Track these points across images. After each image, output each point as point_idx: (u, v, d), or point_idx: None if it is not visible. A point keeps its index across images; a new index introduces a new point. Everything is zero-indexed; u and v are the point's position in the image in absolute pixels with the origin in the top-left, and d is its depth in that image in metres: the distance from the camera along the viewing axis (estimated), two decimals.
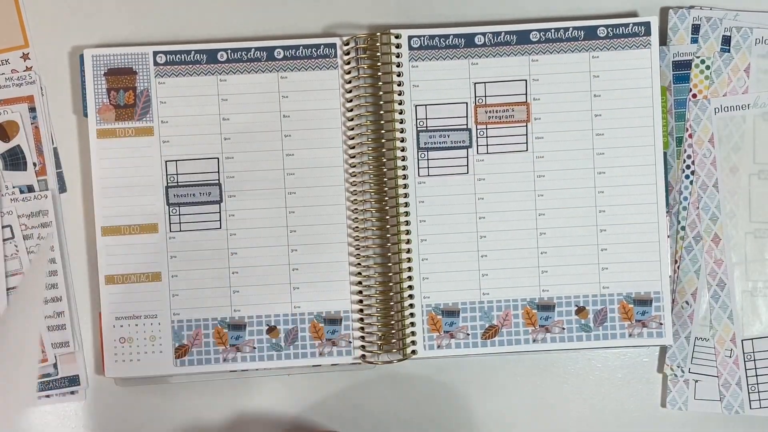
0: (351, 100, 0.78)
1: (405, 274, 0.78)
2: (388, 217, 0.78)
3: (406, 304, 0.78)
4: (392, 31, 0.78)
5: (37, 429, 0.80)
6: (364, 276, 0.78)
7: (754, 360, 0.79)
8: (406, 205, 0.78)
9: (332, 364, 0.79)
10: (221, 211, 0.78)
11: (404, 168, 0.78)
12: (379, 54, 0.78)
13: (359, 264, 0.78)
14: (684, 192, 0.80)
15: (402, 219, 0.78)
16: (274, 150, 0.79)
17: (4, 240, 0.78)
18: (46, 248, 0.76)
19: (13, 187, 0.79)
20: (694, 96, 0.80)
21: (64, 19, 0.80)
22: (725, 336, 0.79)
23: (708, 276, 0.80)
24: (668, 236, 0.79)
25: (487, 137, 0.79)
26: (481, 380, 0.80)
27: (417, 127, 0.79)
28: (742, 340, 0.79)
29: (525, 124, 0.79)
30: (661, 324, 0.79)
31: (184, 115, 0.78)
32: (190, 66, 0.78)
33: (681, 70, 0.80)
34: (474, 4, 0.80)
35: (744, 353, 0.79)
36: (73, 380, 0.79)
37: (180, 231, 0.78)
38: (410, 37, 0.78)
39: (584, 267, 0.78)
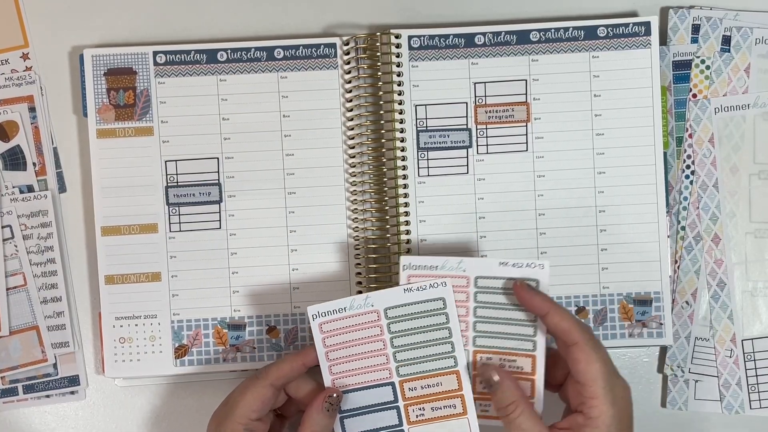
0: (351, 100, 0.78)
1: None
2: (388, 217, 0.78)
3: None
4: (392, 31, 0.78)
5: (37, 429, 0.80)
6: (364, 276, 0.78)
7: (754, 360, 0.79)
8: (406, 205, 0.78)
9: None
10: (221, 211, 0.78)
11: (404, 168, 0.78)
12: (379, 54, 0.78)
13: (359, 264, 0.78)
14: (684, 192, 0.80)
15: (402, 219, 0.78)
16: (274, 150, 0.79)
17: (4, 240, 0.78)
18: None
19: (13, 187, 0.79)
20: (694, 96, 0.80)
21: (64, 19, 0.80)
22: (725, 336, 0.79)
23: (708, 276, 0.80)
24: (668, 236, 0.79)
25: (487, 137, 0.79)
26: None
27: (417, 127, 0.79)
28: (742, 340, 0.79)
29: (525, 124, 0.79)
30: (661, 324, 0.79)
31: (184, 115, 0.78)
32: (190, 66, 0.78)
33: (681, 70, 0.80)
34: (474, 4, 0.80)
35: (744, 353, 0.79)
36: (73, 380, 0.79)
37: (180, 231, 0.78)
38: (410, 37, 0.78)
39: (584, 267, 0.78)
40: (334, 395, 0.70)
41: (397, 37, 0.78)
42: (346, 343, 0.71)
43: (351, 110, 0.78)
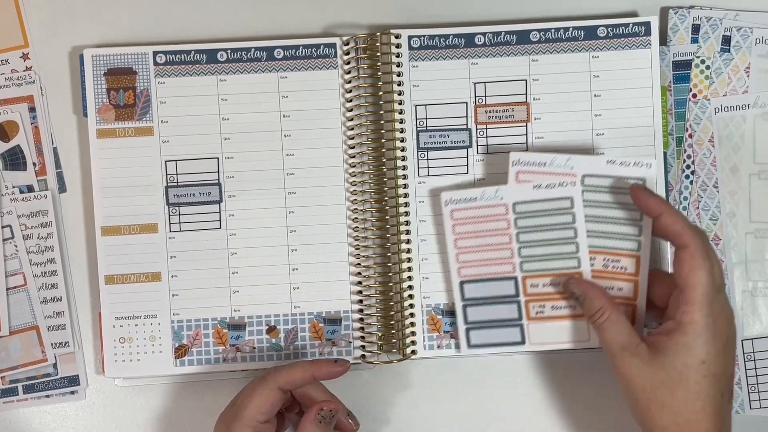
0: (351, 100, 0.78)
1: (405, 274, 0.78)
2: (388, 217, 0.78)
3: (406, 304, 0.78)
4: (392, 31, 0.78)
5: (37, 429, 0.80)
6: (364, 276, 0.78)
7: (754, 360, 0.79)
8: (406, 205, 0.78)
9: None
10: (221, 211, 0.78)
11: (404, 168, 0.78)
12: (379, 54, 0.78)
13: (359, 264, 0.78)
14: (684, 192, 0.80)
15: (402, 219, 0.78)
16: (274, 150, 0.79)
17: (4, 240, 0.78)
18: None
19: (13, 187, 0.79)
20: (694, 96, 0.80)
21: (64, 19, 0.80)
22: None
23: None
24: None
25: (487, 137, 0.79)
26: (481, 380, 0.80)
27: (417, 127, 0.79)
28: (742, 340, 0.79)
29: (525, 124, 0.79)
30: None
31: (184, 115, 0.78)
32: (190, 66, 0.78)
33: (681, 70, 0.80)
34: (474, 4, 0.80)
35: (744, 353, 0.79)
36: (73, 380, 0.79)
37: (180, 231, 0.78)
38: (410, 37, 0.78)
39: None
40: (328, 409, 0.70)
41: (397, 37, 0.78)
42: (474, 233, 0.70)
43: (351, 110, 0.78)
